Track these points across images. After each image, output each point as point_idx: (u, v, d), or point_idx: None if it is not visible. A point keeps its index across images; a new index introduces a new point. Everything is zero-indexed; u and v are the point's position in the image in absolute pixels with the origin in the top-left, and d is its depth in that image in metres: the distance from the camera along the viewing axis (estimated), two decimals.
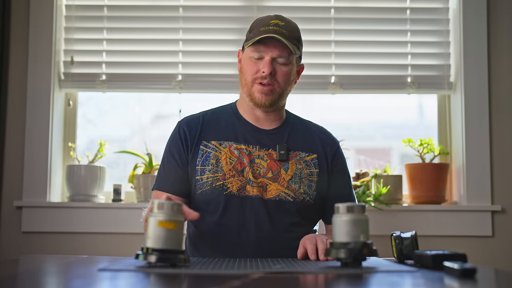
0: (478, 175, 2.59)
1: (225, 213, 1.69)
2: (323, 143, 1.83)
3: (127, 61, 2.72)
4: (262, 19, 1.76)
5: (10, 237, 2.57)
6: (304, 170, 1.75)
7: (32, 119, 2.60)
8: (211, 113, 1.85)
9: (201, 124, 1.79)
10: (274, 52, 1.70)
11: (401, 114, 2.93)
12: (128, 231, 2.52)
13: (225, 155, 1.73)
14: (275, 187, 1.71)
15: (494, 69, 2.65)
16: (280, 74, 1.72)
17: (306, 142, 1.81)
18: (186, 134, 1.77)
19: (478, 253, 2.54)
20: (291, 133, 1.81)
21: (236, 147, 1.75)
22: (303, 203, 1.73)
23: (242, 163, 1.72)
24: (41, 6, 2.64)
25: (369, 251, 1.20)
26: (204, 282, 1.04)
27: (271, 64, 1.70)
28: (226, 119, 1.81)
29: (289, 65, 1.74)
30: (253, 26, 1.77)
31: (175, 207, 1.20)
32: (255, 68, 1.72)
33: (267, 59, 1.71)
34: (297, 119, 1.89)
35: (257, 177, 1.71)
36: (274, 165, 1.73)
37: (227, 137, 1.76)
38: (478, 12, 2.65)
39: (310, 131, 1.85)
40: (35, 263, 1.39)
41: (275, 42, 1.70)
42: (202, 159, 1.73)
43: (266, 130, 1.79)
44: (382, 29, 2.74)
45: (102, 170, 2.63)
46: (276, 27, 1.70)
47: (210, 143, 1.75)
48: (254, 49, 1.71)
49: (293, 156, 1.76)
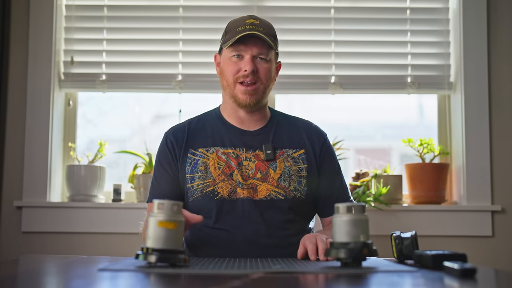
0: (478, 175, 2.59)
1: (219, 218, 1.70)
2: (310, 137, 1.84)
3: (127, 61, 2.72)
4: (236, 20, 1.78)
5: (10, 237, 2.57)
6: (293, 167, 1.76)
7: (32, 119, 2.60)
8: (196, 120, 1.86)
9: (187, 133, 1.81)
10: (254, 50, 1.72)
11: (401, 114, 2.93)
12: (128, 231, 2.52)
13: (213, 161, 1.74)
14: (265, 187, 1.72)
15: (494, 69, 2.65)
16: (262, 71, 1.73)
17: (292, 138, 1.82)
18: (173, 144, 1.79)
19: (478, 253, 2.54)
20: (276, 131, 1.82)
21: (223, 151, 1.76)
22: (295, 200, 1.73)
23: (231, 167, 1.73)
24: (41, 6, 2.64)
25: (369, 251, 1.20)
26: (204, 282, 1.04)
27: (252, 62, 1.72)
28: (211, 125, 1.83)
29: (269, 62, 1.76)
30: (228, 28, 1.78)
31: (175, 207, 1.20)
32: (236, 67, 1.73)
33: (248, 57, 1.72)
34: (282, 116, 1.90)
35: (246, 178, 1.72)
36: (262, 165, 1.74)
37: (214, 143, 1.78)
38: (478, 12, 2.65)
39: (296, 127, 1.86)
40: (35, 263, 1.39)
41: (254, 40, 1.71)
42: (190, 167, 1.75)
43: (251, 132, 1.80)
44: (382, 29, 2.74)
45: (102, 170, 2.64)
46: (252, 26, 1.72)
47: (198, 151, 1.77)
48: (234, 49, 1.73)
49: (280, 154, 1.77)
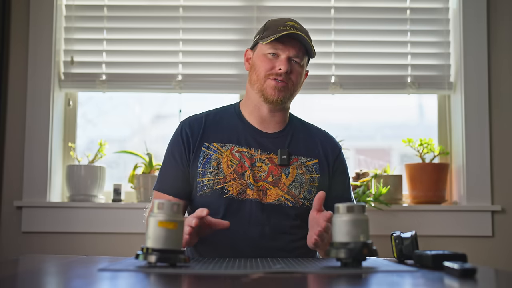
0: (478, 175, 2.59)
1: (226, 216, 1.68)
2: (324, 147, 1.82)
3: (127, 61, 2.72)
4: (276, 20, 1.77)
5: (10, 237, 2.57)
6: (305, 175, 1.75)
7: (32, 119, 2.60)
8: (214, 113, 1.83)
9: (203, 125, 1.78)
10: (292, 51, 1.71)
11: (401, 114, 2.92)
12: (128, 231, 2.52)
13: (227, 158, 1.72)
14: (275, 192, 1.71)
15: (494, 69, 2.65)
16: (294, 73, 1.73)
17: (308, 146, 1.80)
18: (188, 136, 1.76)
19: (478, 253, 2.53)
20: (293, 137, 1.80)
21: (237, 150, 1.74)
22: (303, 208, 1.72)
23: (243, 166, 1.72)
24: (41, 6, 2.64)
25: (369, 251, 1.20)
26: (204, 282, 1.04)
27: (288, 62, 1.71)
28: (229, 121, 1.80)
29: (302, 67, 1.76)
30: (267, 25, 1.76)
31: (175, 207, 1.20)
32: (270, 64, 1.72)
33: (284, 57, 1.71)
34: (300, 122, 1.88)
35: (257, 180, 1.71)
36: (275, 169, 1.73)
37: (229, 139, 1.75)
38: (478, 12, 2.65)
39: (312, 135, 1.84)
40: (35, 263, 1.39)
41: (292, 42, 1.71)
42: (203, 161, 1.73)
43: (268, 134, 1.78)
44: (382, 29, 2.74)
45: (102, 170, 2.63)
46: (293, 28, 1.71)
47: (212, 145, 1.74)
48: (271, 47, 1.71)
49: (294, 161, 1.75)
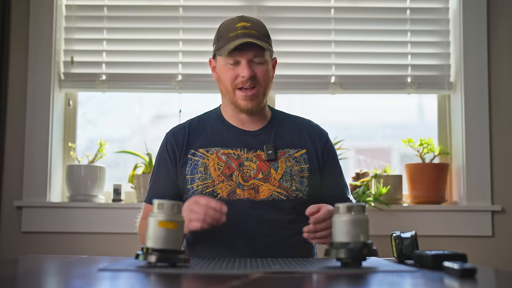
0: (478, 175, 2.59)
1: None
2: (311, 136, 1.83)
3: (127, 61, 2.72)
4: (227, 25, 1.75)
5: (10, 237, 2.56)
6: (294, 167, 1.75)
7: (32, 119, 2.60)
8: (196, 120, 1.86)
9: (187, 133, 1.81)
10: (249, 54, 1.70)
11: (401, 114, 2.92)
12: (128, 231, 2.52)
13: (213, 162, 1.74)
14: (266, 188, 1.71)
15: (494, 69, 2.65)
16: (259, 74, 1.72)
17: (293, 138, 1.81)
18: (173, 146, 1.79)
19: (478, 253, 2.53)
20: (277, 131, 1.81)
21: (223, 152, 1.75)
22: (297, 200, 1.73)
23: (230, 168, 1.73)
24: (41, 6, 2.64)
25: (369, 251, 1.20)
26: (204, 282, 1.04)
27: (249, 66, 1.70)
28: (212, 125, 1.82)
29: (266, 63, 1.74)
30: (219, 33, 1.76)
31: (175, 207, 1.20)
32: (233, 74, 1.72)
33: (244, 63, 1.70)
34: (283, 115, 1.89)
35: (247, 179, 1.72)
36: (264, 165, 1.74)
37: (214, 143, 1.77)
38: (478, 12, 2.65)
39: (297, 126, 1.85)
40: (35, 263, 1.39)
41: (248, 45, 1.69)
42: (191, 168, 1.75)
43: (252, 132, 1.80)
44: (382, 29, 2.74)
45: (102, 170, 2.63)
46: (244, 29, 1.70)
47: (198, 151, 1.76)
48: (228, 56, 1.71)
49: (282, 154, 1.76)
